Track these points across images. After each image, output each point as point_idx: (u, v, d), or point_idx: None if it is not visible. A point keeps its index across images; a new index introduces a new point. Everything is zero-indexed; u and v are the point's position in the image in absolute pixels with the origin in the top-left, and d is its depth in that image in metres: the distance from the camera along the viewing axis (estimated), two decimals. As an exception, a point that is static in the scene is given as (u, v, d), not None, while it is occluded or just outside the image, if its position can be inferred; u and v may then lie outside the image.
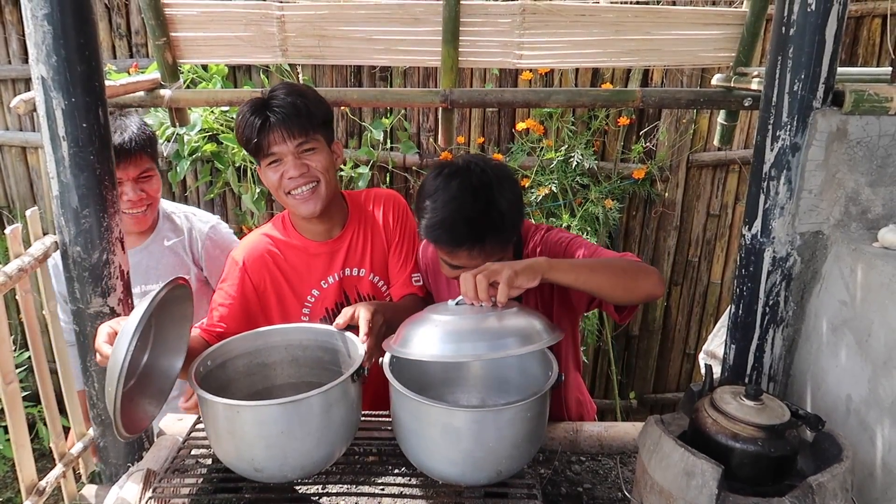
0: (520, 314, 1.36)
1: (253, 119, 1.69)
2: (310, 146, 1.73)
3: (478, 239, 1.55)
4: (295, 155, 1.71)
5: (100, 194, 1.61)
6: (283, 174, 1.73)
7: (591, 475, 1.65)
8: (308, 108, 1.71)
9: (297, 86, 1.79)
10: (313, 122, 1.72)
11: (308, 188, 1.74)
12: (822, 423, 1.24)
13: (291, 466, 1.33)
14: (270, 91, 1.76)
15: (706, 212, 3.64)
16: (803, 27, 1.44)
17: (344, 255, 1.87)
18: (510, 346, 1.26)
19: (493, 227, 1.56)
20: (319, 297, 1.87)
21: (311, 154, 1.73)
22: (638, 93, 2.29)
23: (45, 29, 1.47)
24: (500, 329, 1.30)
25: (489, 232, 1.56)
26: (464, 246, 1.56)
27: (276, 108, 1.68)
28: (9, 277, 1.48)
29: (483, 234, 1.55)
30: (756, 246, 1.60)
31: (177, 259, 2.13)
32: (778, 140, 1.52)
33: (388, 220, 1.92)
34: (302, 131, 1.70)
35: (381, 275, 1.91)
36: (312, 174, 1.74)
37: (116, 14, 3.56)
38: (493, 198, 1.56)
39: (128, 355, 1.23)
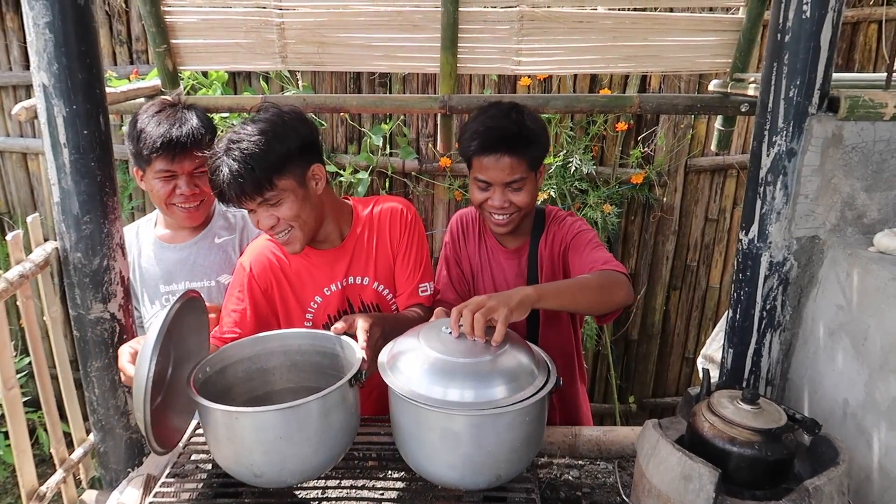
0: (511, 352, 1.36)
1: (213, 176, 1.65)
2: (273, 200, 1.67)
3: (507, 146, 1.78)
4: (262, 208, 1.68)
5: (101, 201, 1.62)
6: (258, 221, 1.72)
7: (590, 479, 1.65)
8: (260, 165, 1.61)
9: (258, 130, 1.64)
10: (268, 175, 1.64)
11: (283, 235, 1.74)
12: (818, 427, 1.25)
13: (290, 471, 1.34)
14: (232, 135, 1.65)
15: (704, 216, 3.66)
16: (798, 34, 1.46)
17: (347, 263, 1.87)
18: (497, 394, 1.27)
19: (522, 140, 1.79)
20: (322, 305, 1.87)
21: (276, 207, 1.69)
22: (636, 99, 2.30)
23: (46, 37, 1.49)
24: (489, 372, 1.30)
25: (517, 142, 1.79)
26: (495, 151, 1.78)
27: (226, 173, 1.61)
28: (10, 283, 1.48)
29: (512, 143, 1.78)
30: (753, 251, 1.61)
31: (225, 257, 2.10)
32: (774, 145, 1.53)
33: (395, 229, 1.90)
34: (257, 192, 1.64)
35: (386, 283, 1.90)
36: (283, 224, 1.72)
37: (117, 21, 3.58)
38: (523, 120, 1.81)
39: (150, 373, 1.24)
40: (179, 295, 1.39)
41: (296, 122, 1.72)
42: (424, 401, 1.26)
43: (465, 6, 2.18)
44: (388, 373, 1.35)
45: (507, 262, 2.01)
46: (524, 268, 1.98)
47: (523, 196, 1.84)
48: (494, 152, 1.78)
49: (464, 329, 1.37)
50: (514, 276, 2.00)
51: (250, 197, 1.64)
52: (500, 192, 1.83)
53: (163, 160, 1.92)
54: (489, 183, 1.83)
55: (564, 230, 1.96)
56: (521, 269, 1.98)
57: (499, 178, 1.80)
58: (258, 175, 1.62)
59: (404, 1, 2.20)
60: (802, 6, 1.44)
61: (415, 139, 3.57)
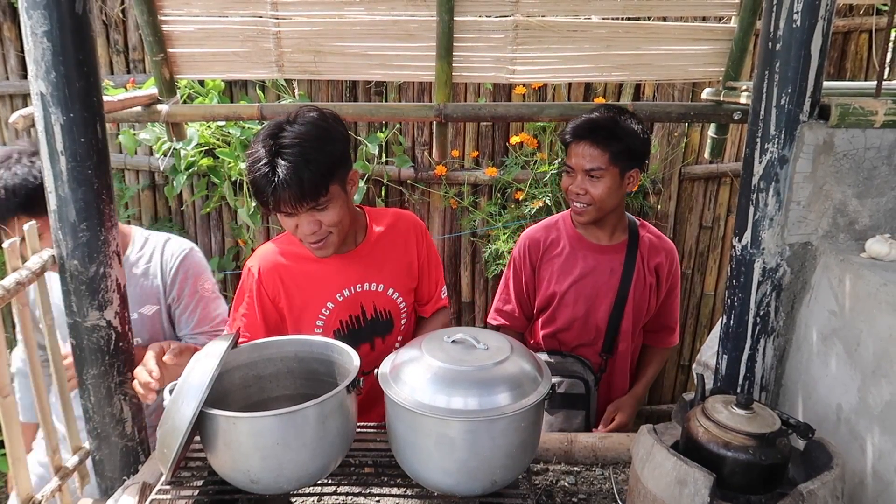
0: (514, 359, 1.38)
1: (262, 178, 1.60)
2: (323, 205, 1.67)
3: (593, 134, 1.96)
4: (308, 214, 1.67)
5: (98, 208, 1.62)
6: (297, 226, 1.70)
7: (586, 486, 1.66)
8: (317, 169, 1.60)
9: (307, 132, 1.63)
10: (325, 179, 1.63)
11: (320, 242, 1.73)
12: (812, 432, 1.26)
13: (287, 478, 1.34)
14: (279, 137, 1.61)
15: (699, 224, 3.67)
16: (789, 43, 1.47)
17: (361, 268, 1.87)
18: (501, 402, 1.29)
19: (609, 132, 1.96)
20: (334, 310, 1.86)
21: (322, 212, 1.68)
22: (629, 106, 2.32)
23: (44, 46, 1.49)
24: (491, 378, 1.32)
25: (603, 133, 1.96)
26: (581, 138, 1.98)
27: (282, 175, 1.58)
28: (7, 291, 1.48)
29: (598, 132, 1.96)
30: (746, 257, 1.62)
31: (146, 288, 2.03)
32: (766, 153, 1.55)
33: (420, 242, 1.96)
34: (312, 197, 1.62)
35: (401, 291, 1.92)
36: (324, 231, 1.71)
37: (114, 30, 3.59)
38: (619, 119, 1.99)
39: (195, 415, 1.25)
40: (232, 338, 1.42)
41: (339, 124, 1.72)
42: (427, 409, 1.27)
43: (460, 15, 2.20)
44: (390, 382, 1.36)
45: (599, 257, 2.14)
46: (618, 267, 2.13)
47: (600, 188, 1.99)
48: (580, 139, 1.98)
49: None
50: (607, 272, 2.13)
51: (305, 202, 1.61)
52: (580, 179, 2.00)
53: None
54: (573, 169, 2.01)
55: (665, 255, 2.18)
56: (615, 267, 2.13)
57: (579, 164, 1.99)
58: (317, 179, 1.60)
59: (400, 10, 2.21)
60: (793, 15, 1.46)
61: (410, 147, 3.58)
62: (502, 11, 2.22)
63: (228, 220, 3.81)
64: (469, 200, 3.58)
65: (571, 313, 2.14)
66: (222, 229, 3.85)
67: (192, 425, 1.25)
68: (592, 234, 2.16)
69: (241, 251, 3.84)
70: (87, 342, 1.69)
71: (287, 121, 1.66)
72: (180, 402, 1.27)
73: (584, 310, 2.13)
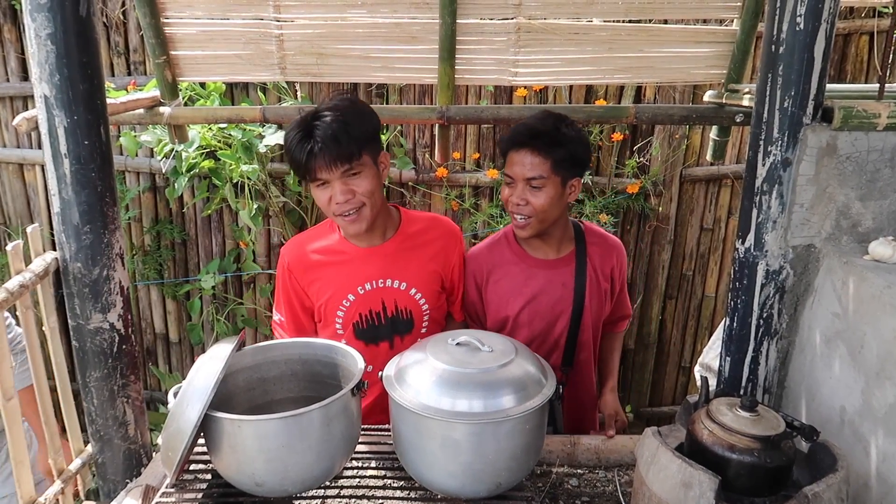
0: (518, 361, 1.39)
1: (299, 145, 1.69)
2: (355, 171, 1.73)
3: (533, 142, 1.83)
4: (341, 180, 1.72)
5: (101, 211, 1.63)
6: (331, 197, 1.75)
7: (590, 488, 1.66)
8: (352, 133, 1.69)
9: (343, 104, 1.76)
10: (358, 145, 1.71)
11: (354, 213, 1.77)
12: (816, 434, 1.26)
13: (292, 480, 1.34)
14: (317, 110, 1.74)
15: (700, 226, 3.68)
16: (792, 46, 1.48)
17: (385, 264, 1.89)
18: (505, 404, 1.30)
19: (549, 139, 1.83)
20: (354, 303, 1.89)
21: (356, 178, 1.74)
22: (632, 109, 2.33)
23: (48, 48, 1.50)
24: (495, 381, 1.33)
25: (544, 140, 1.83)
26: (521, 147, 1.85)
27: (319, 136, 1.67)
28: (10, 294, 1.48)
29: (538, 140, 1.83)
30: (749, 259, 1.63)
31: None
32: (769, 155, 1.55)
33: (456, 251, 2.00)
34: (346, 158, 1.69)
35: (424, 292, 1.93)
36: (358, 199, 1.75)
37: (115, 32, 3.59)
38: (560, 126, 1.86)
39: (200, 419, 1.25)
40: (237, 337, 1.43)
41: (368, 108, 1.84)
42: (431, 412, 1.27)
43: (463, 18, 2.20)
44: (395, 385, 1.36)
45: (548, 273, 2.01)
46: (570, 280, 2.01)
47: (541, 198, 1.85)
48: (520, 146, 1.85)
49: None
50: (559, 287, 2.00)
51: (340, 162, 1.69)
52: (521, 188, 1.86)
53: None
54: (512, 178, 1.88)
55: (615, 256, 2.08)
56: (567, 281, 2.01)
57: (520, 172, 1.85)
58: (351, 142, 1.68)
59: (402, 13, 2.22)
60: (796, 18, 1.46)
61: (412, 149, 3.58)
62: (505, 14, 2.23)
63: (229, 222, 3.81)
64: (470, 202, 3.58)
65: (528, 333, 2.02)
66: (223, 231, 3.85)
67: (198, 427, 1.25)
68: (538, 250, 2.01)
69: (242, 253, 3.83)
70: (90, 345, 1.69)
71: (322, 104, 1.77)
72: (185, 404, 1.27)
73: (541, 328, 2.03)
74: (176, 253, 3.95)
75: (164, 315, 4.05)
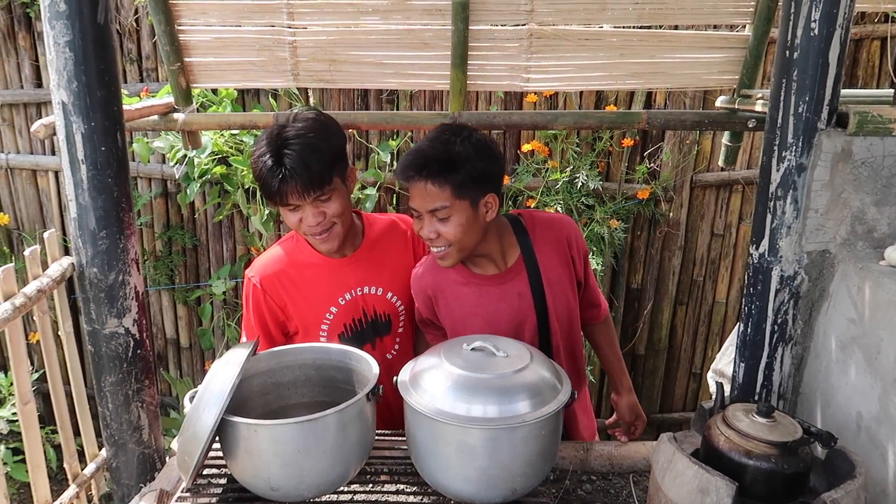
0: (533, 367, 1.39)
1: (269, 172, 1.65)
2: (326, 196, 1.71)
3: (426, 172, 1.64)
4: (313, 205, 1.71)
5: (117, 216, 1.64)
6: (301, 219, 1.74)
7: (602, 494, 1.65)
8: (322, 159, 1.66)
9: (311, 124, 1.71)
10: (329, 170, 1.69)
11: (325, 233, 1.76)
12: (834, 440, 1.25)
13: (307, 485, 1.34)
14: (283, 131, 1.68)
15: (710, 232, 3.66)
16: (807, 51, 1.48)
17: (360, 272, 1.88)
18: (520, 409, 1.29)
19: (443, 164, 1.64)
20: (338, 314, 1.87)
21: (327, 202, 1.72)
22: (643, 114, 2.32)
23: (66, 55, 1.51)
24: (511, 386, 1.32)
25: (437, 167, 1.64)
26: (415, 178, 1.66)
27: (290, 164, 1.63)
28: (28, 298, 1.50)
29: (431, 168, 1.64)
30: (764, 265, 1.62)
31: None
32: (784, 161, 1.55)
33: (418, 251, 1.97)
34: (318, 185, 1.67)
35: (398, 294, 1.93)
36: (329, 220, 1.75)
37: (128, 39, 3.62)
38: (454, 144, 1.67)
39: (216, 423, 1.26)
40: (253, 342, 1.43)
41: (335, 123, 1.81)
42: (446, 417, 1.27)
43: (475, 24, 2.20)
44: (410, 390, 1.36)
45: (499, 288, 1.84)
46: (525, 288, 1.84)
47: (450, 227, 1.68)
48: (413, 178, 1.67)
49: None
50: (515, 299, 1.84)
51: (312, 190, 1.67)
52: (428, 221, 1.69)
53: None
54: (417, 211, 1.72)
55: (565, 235, 1.87)
56: (522, 290, 1.84)
57: (420, 205, 1.69)
58: (322, 168, 1.66)
59: (415, 19, 2.23)
60: (811, 24, 1.46)
61: (422, 155, 3.59)
62: (517, 20, 2.23)
63: (240, 227, 3.82)
64: (480, 208, 3.58)
65: None
66: (234, 237, 3.86)
67: (214, 432, 1.26)
68: (480, 268, 1.84)
69: (253, 259, 3.84)
70: (106, 349, 1.70)
71: (287, 120, 1.74)
72: (202, 409, 1.27)
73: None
74: (187, 258, 3.96)
75: (174, 320, 4.06)
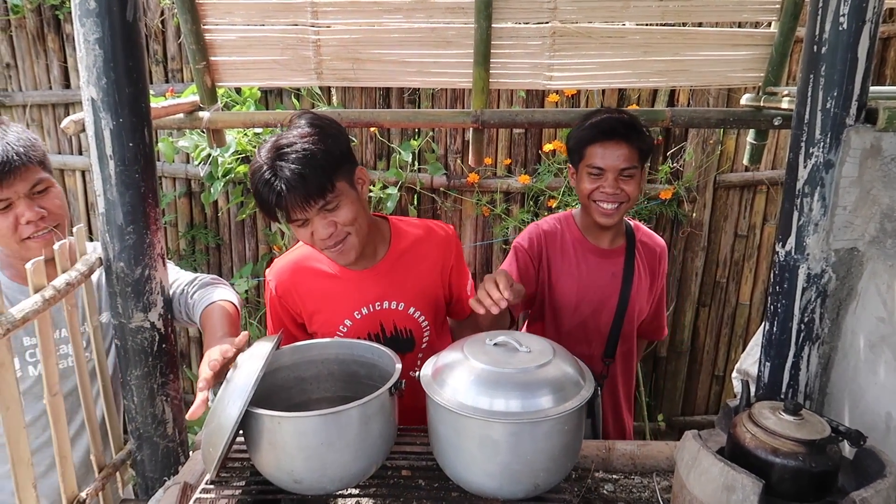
0: (556, 362, 1.38)
1: (266, 187, 1.58)
2: (332, 204, 1.63)
3: (624, 134, 1.94)
4: (320, 216, 1.63)
5: (143, 211, 1.66)
6: (312, 233, 1.67)
7: (625, 493, 1.64)
8: (320, 165, 1.57)
9: (306, 130, 1.62)
10: (329, 176, 1.59)
11: (339, 245, 1.69)
12: (863, 439, 1.23)
13: (330, 478, 1.35)
14: (279, 143, 1.60)
15: (734, 233, 3.63)
16: (835, 46, 1.46)
17: (381, 285, 1.82)
18: (543, 404, 1.29)
19: (636, 131, 1.96)
20: (352, 328, 1.83)
21: (335, 211, 1.64)
22: (667, 112, 2.31)
23: (96, 52, 1.53)
24: (534, 381, 1.32)
25: (633, 132, 1.95)
26: (613, 138, 1.94)
27: (285, 177, 1.56)
28: (57, 291, 1.52)
29: (628, 131, 1.95)
30: (790, 262, 1.60)
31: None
32: (811, 157, 1.53)
33: (448, 259, 1.90)
34: (319, 195, 1.58)
35: (423, 309, 1.86)
36: (341, 231, 1.66)
37: (153, 41, 3.67)
38: (634, 118, 2.00)
39: (241, 414, 1.26)
40: (277, 335, 1.43)
41: (334, 125, 1.70)
42: (469, 411, 1.27)
43: (498, 22, 2.21)
44: (433, 385, 1.36)
45: (600, 261, 2.12)
46: (619, 271, 2.12)
47: (632, 186, 1.97)
48: (612, 139, 1.94)
49: None
50: (609, 276, 2.11)
51: (313, 201, 1.58)
52: (614, 179, 1.95)
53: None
54: (602, 170, 1.96)
55: (659, 256, 2.20)
56: (616, 271, 2.12)
57: (614, 164, 1.94)
58: (321, 176, 1.56)
59: (438, 18, 2.23)
60: (839, 18, 1.44)
61: (443, 155, 3.60)
62: (540, 18, 2.23)
63: (263, 226, 3.86)
64: (501, 208, 3.58)
65: (574, 319, 2.11)
66: (256, 236, 3.90)
67: (238, 424, 1.27)
68: (596, 238, 2.14)
69: (275, 257, 3.88)
70: (132, 343, 1.72)
71: (282, 130, 1.67)
72: (226, 401, 1.28)
73: (587, 314, 2.12)
74: (210, 257, 4.01)
75: (197, 318, 4.11)
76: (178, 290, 1.90)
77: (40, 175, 1.74)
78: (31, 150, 1.71)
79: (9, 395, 1.33)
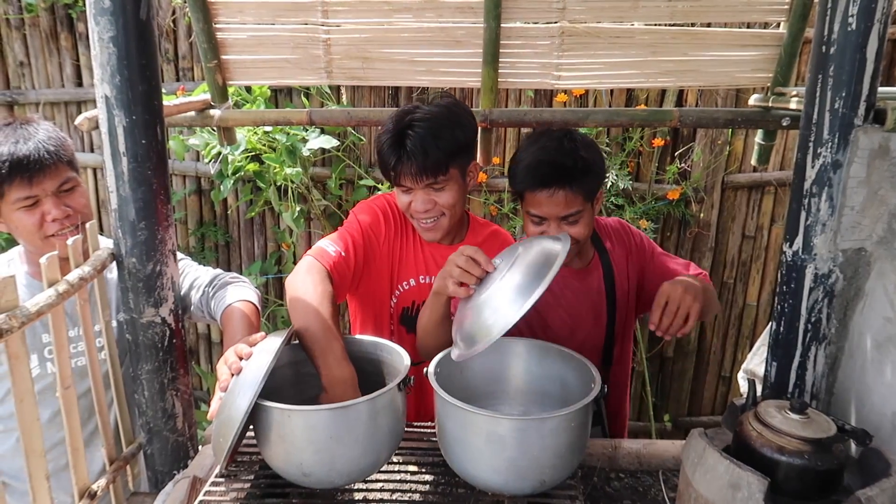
0: (520, 263, 1.42)
1: (389, 149, 1.69)
2: (440, 185, 1.72)
3: (561, 180, 1.68)
4: (424, 191, 1.71)
5: (155, 208, 1.68)
6: (411, 203, 1.74)
7: (631, 492, 1.65)
8: (442, 147, 1.66)
9: (439, 111, 1.72)
10: (447, 160, 1.68)
11: (431, 222, 1.76)
12: (869, 438, 1.24)
13: (338, 472, 1.36)
14: (412, 112, 1.70)
15: (741, 233, 3.63)
16: (844, 46, 1.46)
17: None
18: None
19: (577, 172, 1.69)
20: (413, 289, 1.88)
21: (440, 191, 1.73)
22: (675, 112, 2.31)
23: (110, 50, 1.55)
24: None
25: (572, 175, 1.69)
26: (549, 186, 1.69)
27: (409, 146, 1.65)
28: (70, 286, 1.54)
29: (566, 176, 1.68)
30: (797, 262, 1.60)
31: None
32: (819, 157, 1.53)
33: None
34: (432, 173, 1.68)
35: None
36: (438, 210, 1.75)
37: (165, 39, 3.70)
38: (577, 150, 1.71)
39: (250, 407, 1.28)
40: (288, 329, 1.44)
41: (468, 116, 1.79)
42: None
43: (507, 22, 2.22)
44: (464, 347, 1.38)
45: (580, 282, 1.96)
46: (601, 283, 1.96)
47: (580, 228, 1.76)
48: (548, 187, 1.70)
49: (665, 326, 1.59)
50: (593, 293, 1.96)
51: (426, 175, 1.66)
52: (556, 227, 1.74)
53: (19, 186, 1.69)
54: (544, 218, 1.75)
55: (634, 243, 2.00)
56: (598, 285, 1.96)
57: (553, 212, 1.73)
58: (442, 154, 1.66)
59: (447, 17, 2.24)
60: (848, 19, 1.45)
61: (451, 154, 3.61)
62: (549, 18, 2.24)
63: (272, 224, 3.88)
64: (509, 207, 3.59)
65: (572, 344, 1.84)
66: (265, 234, 3.93)
67: (247, 416, 1.28)
68: (568, 262, 1.80)
69: (284, 255, 3.90)
70: (143, 338, 1.74)
71: (422, 102, 1.74)
72: (236, 393, 1.30)
73: (583, 337, 1.99)
74: (219, 255, 4.04)
75: (206, 315, 4.13)
76: (198, 292, 1.93)
77: (68, 174, 1.77)
78: (62, 149, 1.75)
79: (23, 388, 1.34)
